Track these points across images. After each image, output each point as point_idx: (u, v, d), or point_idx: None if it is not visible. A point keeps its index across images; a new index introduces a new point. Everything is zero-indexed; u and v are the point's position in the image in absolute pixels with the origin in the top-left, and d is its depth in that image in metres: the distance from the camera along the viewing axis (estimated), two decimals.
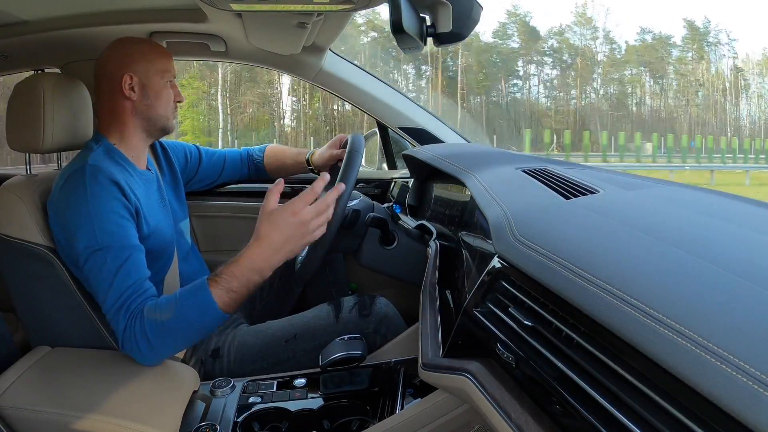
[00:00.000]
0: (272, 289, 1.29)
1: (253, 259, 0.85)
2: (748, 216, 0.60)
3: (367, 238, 1.07)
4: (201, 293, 0.84)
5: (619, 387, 0.39)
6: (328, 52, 1.46)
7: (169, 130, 1.10)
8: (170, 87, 1.07)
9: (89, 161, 0.92)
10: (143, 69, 1.02)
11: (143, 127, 1.05)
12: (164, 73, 1.05)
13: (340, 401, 0.88)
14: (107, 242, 0.87)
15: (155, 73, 1.03)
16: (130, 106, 1.03)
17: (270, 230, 0.86)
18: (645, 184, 0.79)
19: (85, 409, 0.78)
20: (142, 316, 0.84)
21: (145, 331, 0.83)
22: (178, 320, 0.83)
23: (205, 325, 0.86)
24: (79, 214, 0.88)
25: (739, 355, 0.31)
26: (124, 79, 1.01)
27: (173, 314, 0.83)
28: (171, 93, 1.07)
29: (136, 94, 1.02)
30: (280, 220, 0.86)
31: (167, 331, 0.84)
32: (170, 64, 1.07)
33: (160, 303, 0.85)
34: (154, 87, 1.03)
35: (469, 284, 0.71)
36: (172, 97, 1.07)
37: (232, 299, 0.85)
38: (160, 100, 1.04)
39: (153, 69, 1.03)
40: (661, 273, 0.43)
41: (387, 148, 1.68)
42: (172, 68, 1.07)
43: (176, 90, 1.08)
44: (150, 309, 0.84)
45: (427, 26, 0.80)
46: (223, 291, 0.84)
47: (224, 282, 0.84)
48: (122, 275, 0.86)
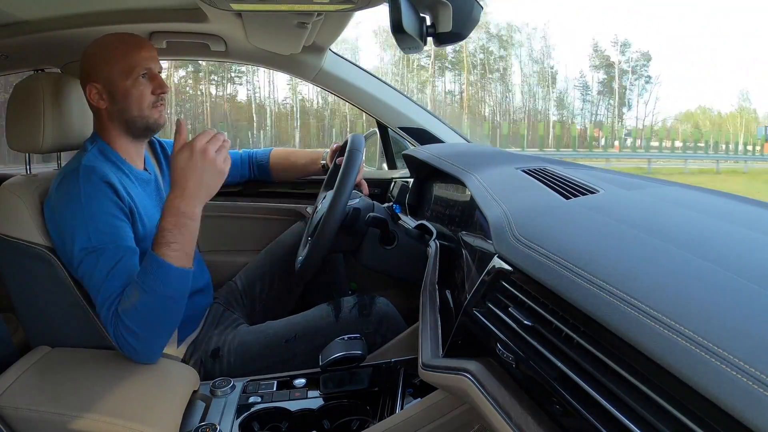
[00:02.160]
0: (272, 289, 1.29)
1: (174, 205, 0.86)
2: (748, 216, 0.60)
3: (367, 238, 1.07)
4: (149, 260, 0.85)
5: (619, 387, 0.39)
6: (329, 52, 1.46)
7: (154, 127, 1.03)
8: (146, 80, 1.00)
9: (83, 162, 0.92)
10: (105, 75, 0.98)
11: (125, 131, 1.02)
12: (131, 71, 0.98)
13: (340, 401, 0.88)
14: (101, 243, 0.87)
15: (118, 75, 0.98)
16: (105, 113, 1.00)
17: (180, 172, 0.87)
18: (645, 184, 0.79)
19: (85, 409, 0.78)
20: (118, 314, 0.84)
21: (126, 324, 0.83)
22: (146, 297, 0.83)
23: (173, 290, 0.85)
24: (74, 215, 0.88)
25: (739, 355, 0.31)
26: (89, 89, 0.99)
27: (139, 294, 0.83)
28: (143, 89, 0.99)
29: (105, 101, 0.99)
30: (183, 158, 0.87)
31: (144, 313, 0.84)
32: (139, 57, 0.98)
33: (126, 293, 0.85)
34: (120, 89, 0.98)
35: (469, 284, 0.71)
36: (147, 92, 1.00)
37: (176, 251, 0.85)
38: (129, 100, 0.99)
39: (115, 71, 0.97)
40: (661, 273, 0.43)
41: (387, 148, 1.68)
42: (144, 60, 0.99)
43: (156, 81, 1.00)
44: (121, 302, 0.85)
45: (427, 26, 0.80)
46: (164, 247, 0.85)
47: (160, 239, 0.85)
48: (112, 278, 0.86)
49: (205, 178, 0.87)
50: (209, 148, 0.88)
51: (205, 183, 0.88)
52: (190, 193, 0.87)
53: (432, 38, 0.81)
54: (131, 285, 0.85)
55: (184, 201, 0.86)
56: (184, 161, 0.87)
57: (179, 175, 0.87)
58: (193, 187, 0.87)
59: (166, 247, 0.85)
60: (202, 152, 0.87)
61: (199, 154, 0.87)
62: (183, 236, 0.86)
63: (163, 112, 1.03)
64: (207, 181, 0.88)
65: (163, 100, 1.03)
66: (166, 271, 0.84)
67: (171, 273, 0.84)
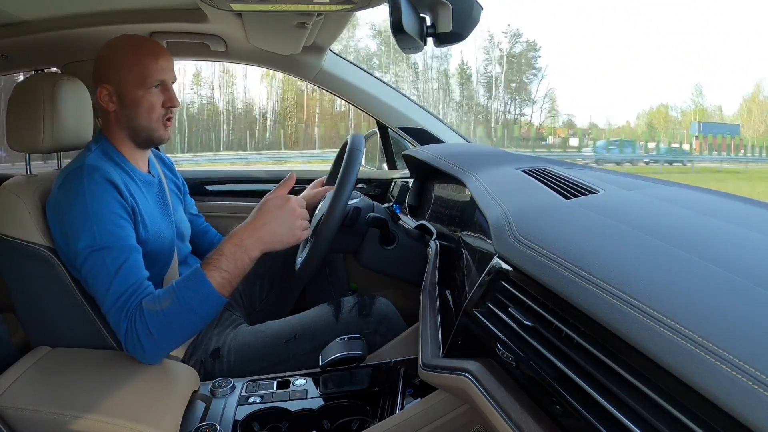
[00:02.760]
0: (272, 289, 1.29)
1: (241, 238, 0.89)
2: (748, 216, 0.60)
3: (367, 239, 1.07)
4: (196, 276, 0.86)
5: (619, 387, 0.39)
6: (328, 52, 1.47)
7: (157, 140, 1.02)
8: (159, 92, 0.99)
9: (86, 161, 0.92)
10: (119, 79, 0.97)
11: (129, 136, 1.01)
12: (145, 80, 0.97)
13: (340, 401, 0.88)
14: (106, 242, 0.86)
15: (132, 83, 0.96)
16: (113, 116, 0.99)
17: (263, 214, 0.91)
18: (645, 184, 0.79)
19: (85, 409, 0.78)
20: (142, 312, 0.84)
21: (147, 325, 0.83)
22: (177, 307, 0.84)
23: (204, 310, 0.86)
24: (78, 214, 0.88)
25: (739, 355, 0.32)
26: (100, 90, 0.98)
27: (172, 302, 0.84)
28: (154, 100, 0.98)
29: (115, 104, 0.98)
30: (274, 205, 0.92)
31: (168, 320, 0.84)
32: (155, 67, 0.97)
33: (158, 294, 0.86)
34: (132, 97, 0.97)
35: (469, 284, 0.71)
36: (158, 104, 0.99)
37: (224, 279, 0.87)
38: (139, 109, 0.98)
39: (130, 78, 0.96)
40: (662, 273, 0.43)
41: (387, 148, 1.68)
42: (160, 71, 0.98)
43: (168, 94, 0.99)
44: (148, 302, 0.85)
45: (427, 26, 0.80)
46: (215, 271, 0.86)
47: (215, 262, 0.87)
48: (121, 276, 0.86)
49: (280, 230, 0.91)
50: (300, 211, 0.93)
51: (277, 234, 0.91)
52: (260, 235, 0.90)
53: (432, 38, 0.81)
54: (166, 290, 0.86)
55: (252, 239, 0.89)
56: (275, 207, 0.92)
57: (262, 214, 0.91)
58: (266, 230, 0.90)
59: (217, 271, 0.86)
60: (293, 210, 0.92)
61: (290, 209, 0.92)
62: (236, 269, 0.88)
63: (169, 128, 1.02)
64: (280, 234, 0.91)
65: (172, 114, 1.02)
66: (208, 293, 0.85)
67: (211, 296, 0.86)
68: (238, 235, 0.89)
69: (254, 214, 0.92)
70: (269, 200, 0.93)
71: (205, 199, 1.62)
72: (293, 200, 0.93)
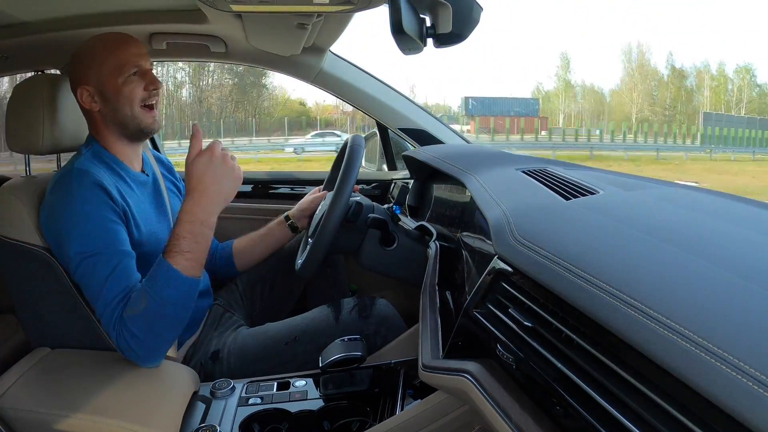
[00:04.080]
0: (272, 291, 1.29)
1: (191, 212, 0.86)
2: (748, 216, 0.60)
3: (367, 239, 1.07)
4: (160, 267, 0.84)
5: (619, 387, 0.39)
6: (328, 53, 1.47)
7: (147, 130, 1.00)
8: (137, 78, 0.97)
9: (75, 165, 0.91)
10: (95, 76, 0.96)
11: (120, 133, 1.00)
12: (121, 69, 0.95)
13: (340, 402, 0.88)
14: (97, 248, 0.86)
15: (108, 75, 0.95)
16: (98, 116, 0.99)
17: (198, 178, 0.86)
18: (645, 184, 0.79)
19: (85, 411, 0.78)
20: (123, 319, 0.83)
21: (132, 331, 0.83)
22: (153, 304, 0.83)
23: (180, 298, 0.85)
24: (69, 219, 0.87)
25: (739, 355, 0.31)
26: (80, 92, 0.97)
27: (147, 301, 0.83)
28: (134, 86, 0.96)
29: (98, 103, 0.97)
30: (203, 166, 0.87)
31: (149, 320, 0.83)
32: (128, 54, 0.96)
33: (133, 298, 0.85)
34: (111, 89, 0.96)
35: (469, 285, 0.71)
36: (138, 89, 0.97)
37: (188, 260, 0.85)
38: (121, 100, 0.96)
39: (105, 71, 0.95)
40: (661, 273, 0.43)
41: (387, 149, 1.68)
42: (134, 57, 0.96)
43: (147, 77, 0.98)
44: (127, 308, 0.84)
45: (426, 27, 0.80)
46: (177, 255, 0.84)
47: (174, 247, 0.85)
48: (111, 282, 0.85)
49: (224, 184, 0.87)
50: (227, 154, 0.88)
51: (224, 190, 0.88)
52: (208, 200, 0.86)
53: (432, 39, 0.81)
54: (138, 291, 0.85)
55: (202, 208, 0.86)
56: (203, 166, 0.86)
57: (197, 180, 0.86)
58: (212, 193, 0.86)
59: (180, 255, 0.84)
60: (221, 158, 0.87)
61: (219, 159, 0.87)
62: (198, 245, 0.85)
63: (155, 116, 1.00)
64: (226, 187, 0.88)
65: (157, 96, 1.00)
66: (177, 279, 0.83)
67: (181, 282, 0.84)
68: (186, 211, 0.86)
69: (188, 183, 0.87)
70: (194, 163, 0.87)
71: None
72: (214, 148, 0.87)
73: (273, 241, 1.29)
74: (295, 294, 1.31)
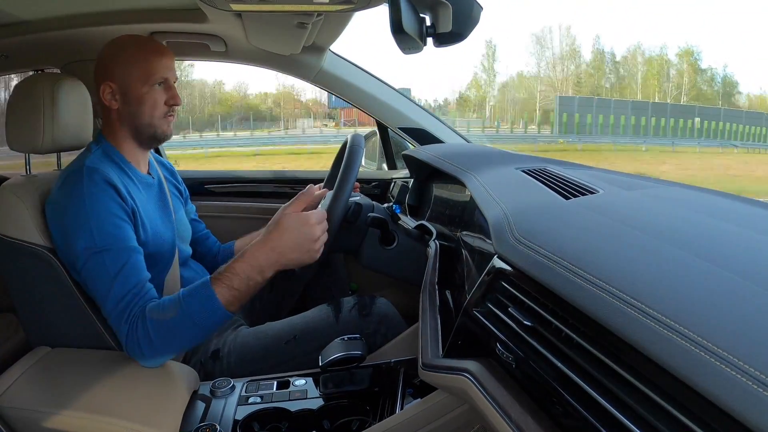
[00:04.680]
0: (272, 289, 1.29)
1: (257, 257, 0.86)
2: (748, 216, 0.60)
3: (367, 239, 1.07)
4: (204, 290, 0.84)
5: (619, 387, 0.39)
6: (328, 52, 1.46)
7: (161, 137, 1.02)
8: (162, 90, 0.99)
9: (86, 163, 0.92)
10: (123, 75, 0.97)
11: (132, 135, 1.00)
12: (149, 78, 0.97)
13: (340, 401, 0.88)
14: (106, 244, 0.86)
15: (136, 80, 0.97)
16: (115, 114, 0.99)
17: (281, 233, 0.87)
18: (645, 184, 0.79)
19: (85, 410, 0.78)
20: (144, 318, 0.83)
21: (148, 332, 0.83)
22: (181, 319, 0.83)
23: (208, 324, 0.85)
24: (77, 215, 0.87)
25: (739, 355, 0.31)
26: (103, 88, 0.98)
27: (177, 313, 0.83)
28: (158, 98, 0.98)
29: (118, 102, 0.98)
30: (293, 226, 0.87)
31: (170, 330, 0.83)
32: (160, 65, 0.98)
33: (163, 303, 0.85)
34: (135, 94, 0.97)
35: (469, 284, 0.71)
36: (161, 101, 0.99)
37: (233, 297, 0.85)
38: (142, 107, 0.98)
39: (134, 75, 0.97)
40: (661, 273, 0.43)
41: (387, 149, 1.68)
42: (164, 69, 0.98)
43: (170, 92, 1.00)
44: (152, 309, 0.84)
45: (426, 27, 0.80)
46: (225, 288, 0.84)
47: (226, 279, 0.85)
48: (122, 278, 0.85)
49: (296, 254, 0.87)
50: (319, 230, 0.88)
51: (293, 258, 0.87)
52: (276, 256, 0.86)
53: (432, 39, 0.81)
54: (172, 300, 0.85)
55: (268, 259, 0.86)
56: (293, 226, 0.87)
57: (279, 234, 0.86)
58: (283, 253, 0.86)
59: (226, 289, 0.84)
60: (312, 232, 0.87)
61: (310, 230, 0.87)
62: (247, 288, 0.86)
63: (171, 124, 1.02)
64: (296, 257, 0.87)
65: (174, 112, 1.02)
66: (215, 308, 0.84)
67: (217, 312, 0.84)
68: (253, 255, 0.86)
69: (270, 230, 0.88)
70: (286, 217, 0.88)
71: (206, 199, 1.62)
72: (314, 219, 0.88)
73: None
74: (295, 293, 1.31)
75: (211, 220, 1.41)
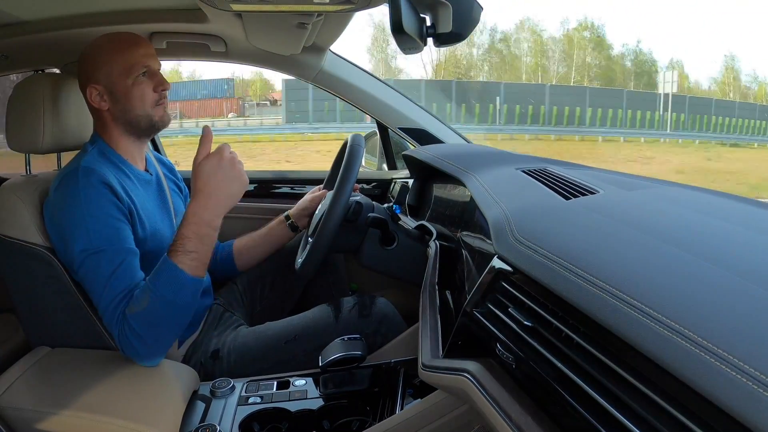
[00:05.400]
0: (272, 290, 1.29)
1: (197, 213, 0.86)
2: (748, 216, 0.60)
3: (367, 239, 1.07)
4: (164, 266, 0.85)
5: (619, 387, 0.39)
6: (329, 52, 1.46)
7: (158, 125, 1.02)
8: (147, 78, 0.98)
9: (82, 163, 0.92)
10: (105, 75, 0.96)
11: (129, 131, 1.00)
12: (130, 70, 0.96)
13: (340, 401, 0.88)
14: (101, 245, 0.86)
15: (119, 75, 0.96)
16: (107, 115, 0.99)
17: (205, 180, 0.87)
18: (645, 184, 0.79)
19: (85, 410, 0.78)
20: (126, 317, 0.84)
21: (133, 328, 0.83)
22: (156, 302, 0.83)
23: (183, 298, 0.85)
24: (74, 216, 0.88)
25: (739, 355, 0.31)
26: (89, 92, 0.98)
27: (149, 299, 0.83)
28: (145, 87, 0.98)
29: (107, 102, 0.98)
30: (210, 168, 0.87)
31: (151, 317, 0.84)
32: (137, 55, 0.97)
33: (136, 296, 0.85)
34: (121, 89, 0.97)
35: (469, 285, 0.71)
36: (148, 90, 0.98)
37: (194, 260, 0.85)
38: (131, 100, 0.97)
39: (115, 71, 0.96)
40: (661, 273, 0.43)
41: (387, 149, 1.68)
42: (143, 58, 0.97)
43: (156, 79, 0.99)
44: (130, 306, 0.84)
45: (427, 27, 0.80)
46: (182, 255, 0.85)
47: (179, 247, 0.85)
48: (115, 280, 0.85)
49: (232, 188, 0.88)
50: (235, 158, 0.88)
51: (232, 193, 0.88)
52: (215, 202, 0.87)
53: (432, 39, 0.81)
54: (141, 289, 0.85)
55: (209, 210, 0.86)
56: (212, 169, 0.87)
57: (204, 183, 0.87)
58: (218, 196, 0.87)
59: (184, 255, 0.85)
60: (230, 161, 0.87)
61: (227, 162, 0.87)
62: (203, 246, 0.86)
63: (166, 109, 1.02)
64: (233, 191, 0.88)
65: (165, 97, 1.01)
66: (181, 279, 0.84)
67: (185, 282, 0.84)
68: (192, 212, 0.86)
69: (195, 184, 0.87)
70: (200, 165, 0.87)
71: None
72: (224, 152, 0.88)
73: (273, 241, 1.29)
74: (295, 293, 1.31)
75: None
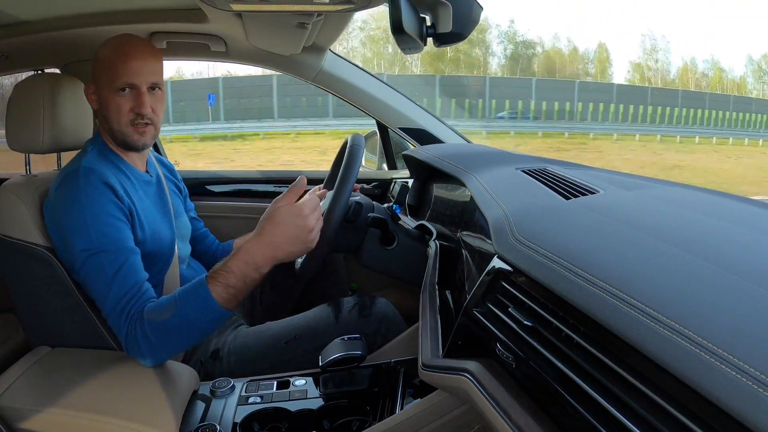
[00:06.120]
0: (272, 289, 1.29)
1: (252, 254, 0.85)
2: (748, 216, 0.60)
3: (367, 239, 1.07)
4: (200, 290, 0.84)
5: (619, 387, 0.39)
6: (328, 52, 1.46)
7: (132, 145, 0.97)
8: (127, 95, 0.94)
9: (82, 163, 0.92)
10: (97, 77, 0.96)
11: (112, 138, 0.98)
12: (112, 83, 0.93)
13: (339, 401, 0.88)
14: (103, 245, 0.86)
15: (104, 84, 0.94)
16: (100, 115, 0.99)
17: (275, 227, 0.85)
18: (645, 184, 0.79)
19: (85, 409, 0.78)
20: (143, 319, 0.84)
21: (146, 333, 0.83)
22: (178, 319, 0.83)
23: (206, 323, 0.85)
24: (74, 216, 0.87)
25: (739, 355, 0.31)
26: (86, 89, 0.99)
27: (173, 313, 0.83)
28: (121, 103, 0.93)
29: (96, 104, 0.98)
30: (287, 219, 0.85)
31: (168, 330, 0.84)
32: (124, 69, 0.92)
33: (160, 303, 0.85)
34: (104, 98, 0.95)
35: (469, 284, 0.71)
36: (125, 108, 0.94)
37: (230, 295, 0.84)
38: (109, 111, 0.95)
39: (102, 79, 0.94)
40: (661, 273, 0.43)
41: (387, 149, 1.68)
42: (130, 74, 0.92)
43: (137, 100, 0.93)
44: (150, 310, 0.84)
45: (427, 26, 0.80)
46: (221, 287, 0.84)
47: (221, 278, 0.84)
48: (120, 279, 0.85)
49: (294, 246, 0.86)
50: (313, 219, 0.86)
51: (291, 251, 0.86)
52: (272, 253, 0.85)
53: (432, 38, 0.81)
54: (168, 299, 0.85)
55: (264, 256, 0.85)
56: (286, 220, 0.85)
57: (272, 229, 0.85)
58: (280, 247, 0.85)
59: (222, 287, 0.83)
60: (305, 220, 0.85)
61: (303, 221, 0.85)
62: (244, 285, 0.85)
63: (145, 133, 0.96)
64: (294, 249, 0.86)
65: (143, 120, 0.95)
66: (211, 308, 0.83)
67: (214, 310, 0.84)
68: (248, 251, 0.84)
69: (262, 225, 0.86)
70: (279, 210, 0.85)
71: (206, 199, 1.62)
72: (307, 209, 0.85)
73: None
74: (295, 293, 1.31)
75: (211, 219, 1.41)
